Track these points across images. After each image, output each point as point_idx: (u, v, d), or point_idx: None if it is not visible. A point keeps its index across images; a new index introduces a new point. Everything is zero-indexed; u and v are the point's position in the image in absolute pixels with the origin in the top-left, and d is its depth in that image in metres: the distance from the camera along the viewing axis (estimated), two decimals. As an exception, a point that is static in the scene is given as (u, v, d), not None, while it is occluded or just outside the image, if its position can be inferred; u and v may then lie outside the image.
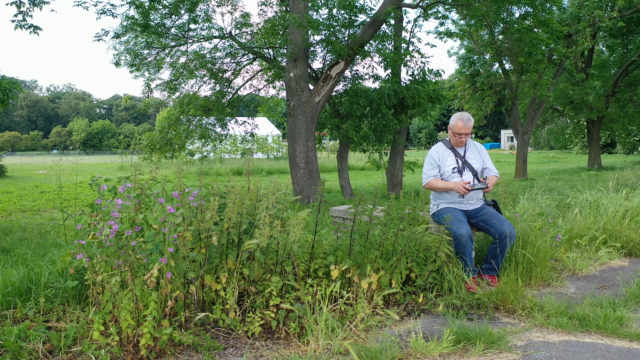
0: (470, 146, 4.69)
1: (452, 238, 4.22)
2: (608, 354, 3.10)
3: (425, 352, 3.03)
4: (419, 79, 13.04)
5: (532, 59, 14.40)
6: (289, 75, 11.36)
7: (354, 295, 3.56)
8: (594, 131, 23.70)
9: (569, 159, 38.34)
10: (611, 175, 11.32)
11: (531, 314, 3.70)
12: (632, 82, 22.09)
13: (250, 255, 3.45)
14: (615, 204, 6.22)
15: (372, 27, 11.46)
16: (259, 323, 3.23)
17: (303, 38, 10.93)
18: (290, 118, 11.43)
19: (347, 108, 12.34)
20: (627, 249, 5.60)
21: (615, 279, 4.72)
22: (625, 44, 22.73)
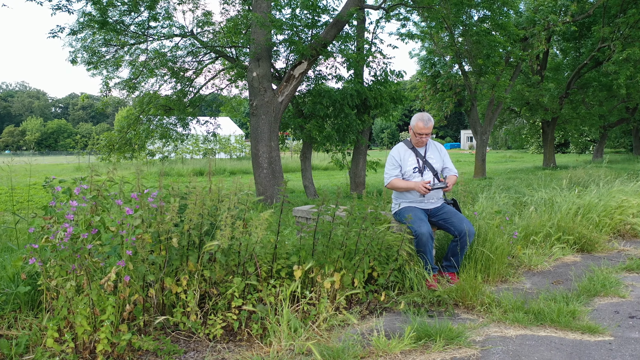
0: (431, 146, 4.78)
1: (414, 237, 4.29)
2: (561, 347, 3.21)
3: (387, 349, 3.06)
4: (381, 79, 13.19)
5: (490, 61, 14.79)
6: (251, 74, 11.28)
7: (317, 295, 3.57)
8: (549, 131, 24.51)
9: (526, 158, 39.55)
10: (565, 174, 11.73)
11: (489, 309, 3.80)
12: (584, 84, 22.98)
13: (212, 256, 3.41)
14: (569, 202, 6.45)
15: (335, 28, 11.52)
16: (220, 325, 3.19)
17: (266, 37, 10.87)
18: (253, 118, 11.36)
19: (311, 108, 12.36)
20: (579, 244, 5.82)
21: (568, 274, 4.90)
22: (577, 48, 23.62)
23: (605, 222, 6.29)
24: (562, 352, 3.14)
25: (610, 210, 6.42)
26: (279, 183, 11.11)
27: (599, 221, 6.22)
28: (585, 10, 19.19)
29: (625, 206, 6.57)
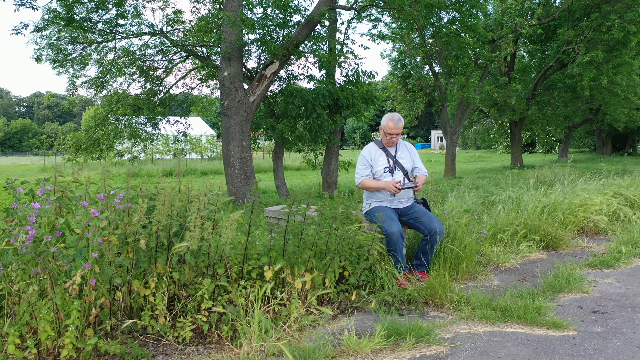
0: (401, 146, 4.82)
1: (384, 236, 4.32)
2: (527, 342, 3.29)
3: (358, 349, 3.08)
4: (353, 80, 13.24)
5: (460, 62, 15.03)
6: (222, 74, 11.19)
7: (288, 295, 3.56)
8: (516, 132, 25.06)
9: (494, 158, 40.33)
10: (531, 173, 12.02)
11: (458, 307, 3.86)
12: (550, 85, 23.58)
13: (181, 258, 3.36)
14: (535, 200, 6.60)
15: (306, 28, 11.52)
16: (190, 328, 3.15)
17: (237, 37, 10.80)
18: (224, 118, 11.26)
19: (283, 108, 12.33)
20: (545, 242, 5.96)
21: (535, 271, 5.02)
22: (543, 50, 24.22)
23: (569, 219, 6.46)
24: (528, 347, 3.21)
25: (575, 208, 6.60)
26: (251, 183, 11.05)
27: (564, 219, 6.39)
28: (550, 13, 19.68)
29: (588, 204, 6.76)
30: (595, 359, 3.05)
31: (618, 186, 8.24)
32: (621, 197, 7.62)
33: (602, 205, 6.89)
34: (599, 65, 20.25)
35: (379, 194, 4.64)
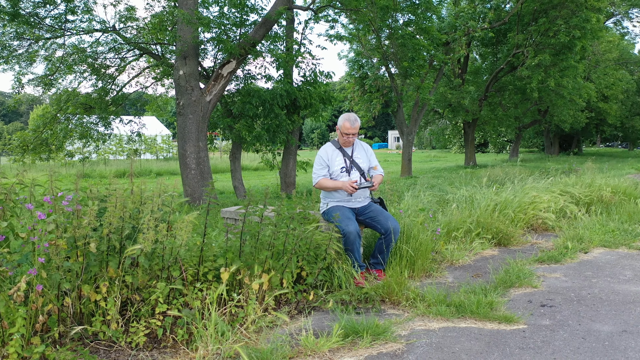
0: (358, 146, 4.86)
1: (342, 235, 4.34)
2: (480, 337, 3.38)
3: (316, 348, 3.08)
4: (311, 80, 13.26)
5: (415, 63, 15.31)
6: (178, 73, 10.98)
7: (245, 297, 3.52)
8: (470, 132, 25.75)
9: (449, 157, 41.30)
10: (484, 172, 12.35)
11: (414, 304, 3.92)
12: (501, 87, 24.36)
13: (134, 261, 3.27)
14: (487, 199, 6.80)
15: (263, 27, 11.46)
16: (143, 333, 3.07)
17: (193, 35, 10.62)
18: (180, 117, 11.06)
19: (240, 108, 12.20)
20: (497, 239, 6.15)
21: (487, 267, 5.17)
22: (495, 53, 25.00)
23: (520, 217, 6.69)
24: (480, 341, 3.30)
25: (524, 206, 6.84)
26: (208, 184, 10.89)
27: (514, 216, 6.61)
28: (501, 17, 20.33)
29: (537, 202, 7.02)
30: (544, 350, 3.17)
31: (564, 184, 8.60)
32: (567, 195, 7.95)
33: (549, 203, 7.16)
34: (546, 69, 21.08)
35: (336, 193, 4.66)
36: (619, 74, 30.93)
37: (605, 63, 29.72)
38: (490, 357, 3.08)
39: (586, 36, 20.52)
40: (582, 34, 19.92)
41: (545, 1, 20.56)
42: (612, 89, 30.52)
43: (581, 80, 25.02)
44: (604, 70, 29.70)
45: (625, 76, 31.84)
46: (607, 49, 29.53)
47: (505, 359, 3.05)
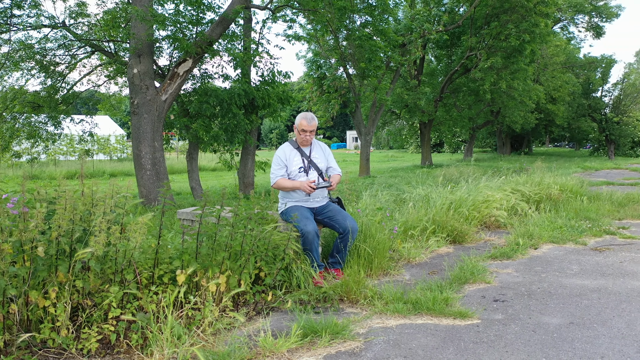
0: (315, 146, 4.88)
1: (300, 235, 4.34)
2: (436, 332, 3.45)
3: (274, 349, 3.07)
4: (269, 80, 13.20)
5: (372, 64, 15.48)
6: (132, 71, 10.69)
7: (202, 299, 3.47)
8: (426, 132, 26.27)
9: (406, 157, 41.99)
10: (440, 171, 12.65)
11: (372, 302, 3.96)
12: (456, 89, 24.97)
13: (85, 265, 3.16)
14: (443, 198, 6.96)
15: (220, 26, 11.31)
16: (95, 338, 2.98)
17: (147, 33, 10.37)
18: (134, 117, 10.77)
19: (197, 107, 12.01)
20: (452, 237, 6.30)
21: (443, 265, 5.28)
22: (449, 55, 25.60)
23: (473, 215, 6.88)
24: (436, 337, 3.37)
25: (478, 205, 7.03)
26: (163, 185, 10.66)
27: (469, 214, 6.78)
28: (455, 20, 20.84)
29: (490, 200, 7.23)
30: (497, 344, 3.27)
31: (515, 183, 8.90)
32: (518, 193, 8.23)
33: (502, 201, 7.40)
34: (498, 71, 21.77)
35: (294, 193, 4.66)
36: (566, 77, 32.28)
37: (553, 66, 30.96)
38: (446, 352, 3.15)
39: (535, 40, 21.33)
40: (531, 38, 20.69)
41: (496, 6, 21.24)
42: (560, 91, 31.83)
43: (531, 82, 25.96)
44: (552, 74, 30.93)
45: (572, 79, 33.26)
46: (554, 53, 30.76)
47: (460, 354, 3.12)
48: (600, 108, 36.77)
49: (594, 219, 7.61)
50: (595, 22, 32.33)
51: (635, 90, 35.28)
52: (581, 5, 31.27)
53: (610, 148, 35.64)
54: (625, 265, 5.28)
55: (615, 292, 4.38)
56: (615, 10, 31.63)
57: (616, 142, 35.92)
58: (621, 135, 35.55)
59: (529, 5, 20.36)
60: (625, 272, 4.99)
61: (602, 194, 9.78)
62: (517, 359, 3.05)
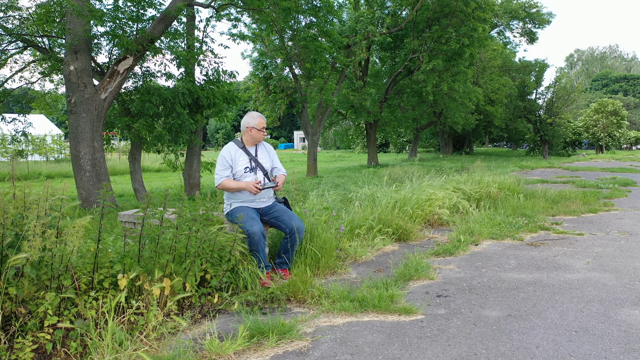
0: (261, 146, 4.85)
1: (246, 236, 4.30)
2: (382, 329, 3.51)
3: (221, 352, 3.03)
4: (214, 79, 13.00)
5: (318, 65, 15.56)
6: (68, 68, 10.24)
7: (145, 303, 3.37)
8: (372, 133, 26.69)
9: (353, 157, 42.51)
10: (385, 171, 12.86)
11: (319, 301, 3.99)
12: (400, 90, 25.53)
13: (19, 271, 3.00)
14: (388, 197, 7.09)
15: (162, 23, 11.02)
16: (30, 348, 2.82)
17: (84, 28, 9.96)
18: (72, 116, 10.32)
19: (139, 106, 11.66)
20: (397, 235, 6.43)
21: (388, 262, 5.38)
22: (393, 57, 26.14)
23: (418, 213, 7.05)
24: (382, 334, 3.43)
25: (422, 203, 7.22)
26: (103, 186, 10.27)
27: (413, 213, 6.95)
28: (398, 23, 21.30)
29: (433, 199, 7.44)
30: (439, 338, 3.37)
31: (457, 182, 9.21)
32: (460, 192, 8.51)
33: (444, 200, 7.63)
34: (440, 73, 22.44)
35: (240, 194, 4.61)
36: (503, 79, 33.72)
37: (490, 69, 32.26)
38: (391, 348, 3.21)
39: (474, 44, 22.17)
40: (470, 42, 21.49)
41: (437, 10, 21.91)
42: (498, 93, 33.21)
43: (470, 85, 26.93)
44: (490, 76, 32.23)
45: (508, 82, 34.78)
46: (492, 57, 32.08)
47: (404, 349, 3.20)
48: (535, 110, 38.67)
49: (530, 215, 7.98)
50: (529, 28, 34.00)
51: (566, 93, 37.35)
52: (516, 12, 32.79)
53: (544, 148, 37.54)
54: (558, 259, 5.58)
55: (549, 284, 4.61)
56: (547, 17, 33.38)
57: (550, 142, 37.88)
58: (554, 136, 37.52)
59: (468, 10, 21.14)
60: (558, 266, 5.27)
61: (537, 191, 10.29)
62: (459, 352, 3.16)
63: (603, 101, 48.70)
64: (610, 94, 71.33)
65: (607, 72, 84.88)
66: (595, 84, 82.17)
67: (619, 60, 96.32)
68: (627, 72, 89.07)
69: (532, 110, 38.47)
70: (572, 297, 4.24)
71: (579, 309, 3.96)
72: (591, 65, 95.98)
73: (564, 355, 3.13)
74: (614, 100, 50.51)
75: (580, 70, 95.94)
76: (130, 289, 3.50)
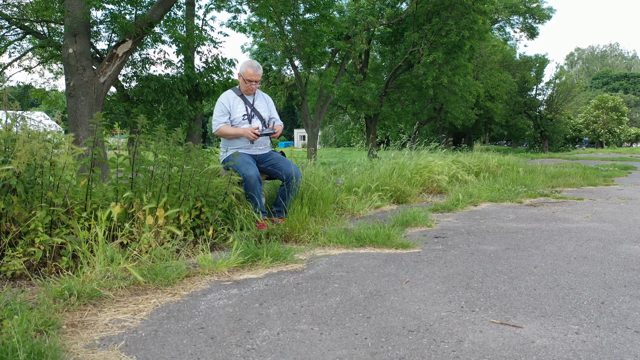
0: (259, 96, 4.82)
1: (242, 179, 4.27)
2: (378, 257, 3.48)
3: (214, 268, 2.99)
4: (213, 67, 13.02)
5: (317, 50, 15.52)
6: (67, 51, 10.22)
7: (138, 230, 3.33)
8: (372, 127, 26.66)
9: (353, 154, 42.44)
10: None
11: (316, 238, 3.95)
12: (400, 84, 25.50)
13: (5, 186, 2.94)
14: (386, 164, 7.06)
15: (162, 7, 11.01)
16: (21, 260, 2.79)
17: (83, 11, 9.96)
18: (70, 99, 10.30)
19: (138, 92, 11.66)
20: (395, 197, 6.39)
21: (387, 217, 5.34)
22: (393, 51, 26.13)
23: (416, 178, 7.01)
24: (378, 259, 3.39)
25: (420, 169, 7.19)
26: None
27: (411, 177, 6.91)
28: (398, 15, 21.32)
29: (432, 166, 7.41)
30: (437, 262, 3.33)
31: (456, 156, 9.17)
32: (459, 164, 8.48)
33: (443, 168, 7.59)
34: (440, 66, 22.41)
35: (238, 141, 4.58)
36: (503, 75, 33.67)
37: (491, 65, 32.23)
38: (387, 268, 3.17)
39: (474, 36, 22.15)
40: (470, 35, 21.47)
41: (437, 3, 21.90)
42: (498, 89, 33.16)
43: (471, 78, 26.88)
44: (490, 72, 32.19)
45: (509, 78, 34.74)
46: (492, 52, 32.05)
47: (400, 269, 3.16)
48: (535, 106, 38.63)
49: (530, 185, 7.94)
50: (530, 23, 33.90)
51: (566, 90, 37.33)
52: (516, 7, 32.74)
53: (544, 144, 37.48)
54: (557, 214, 5.54)
55: (548, 230, 4.57)
56: (547, 12, 33.30)
57: (550, 138, 37.81)
58: (554, 132, 37.48)
59: (468, 2, 21.13)
60: (557, 219, 5.23)
61: (536, 167, 10.26)
62: (456, 270, 3.12)
63: (603, 97, 48.69)
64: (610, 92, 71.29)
65: (608, 71, 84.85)
66: (596, 82, 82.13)
67: (620, 59, 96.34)
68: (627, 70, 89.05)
69: (533, 106, 38.45)
70: (570, 237, 4.20)
71: (578, 244, 3.92)
72: (591, 63, 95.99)
73: (562, 272, 3.09)
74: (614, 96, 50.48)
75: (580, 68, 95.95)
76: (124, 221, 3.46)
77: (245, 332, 2.14)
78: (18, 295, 2.44)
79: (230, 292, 2.66)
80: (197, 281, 2.84)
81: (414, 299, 2.56)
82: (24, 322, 1.94)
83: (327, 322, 2.25)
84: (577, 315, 2.35)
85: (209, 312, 2.36)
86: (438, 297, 2.59)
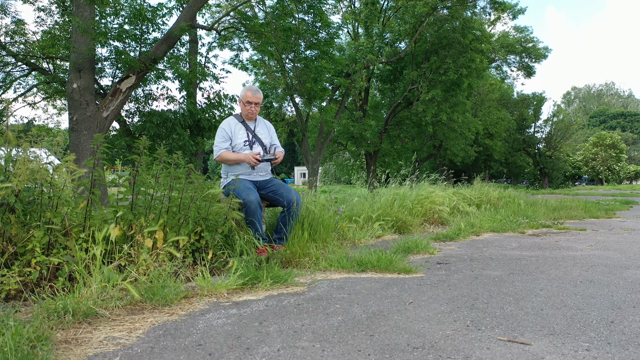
0: (260, 122, 4.85)
1: (242, 205, 4.24)
2: (381, 281, 3.41)
3: (213, 289, 2.93)
4: (215, 102, 13.19)
5: (318, 85, 15.74)
6: (71, 86, 10.38)
7: (137, 253, 3.28)
8: (372, 163, 26.79)
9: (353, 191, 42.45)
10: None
11: (316, 263, 3.89)
12: (399, 121, 25.77)
13: (5, 205, 2.92)
14: (387, 194, 7.03)
15: (165, 44, 11.25)
16: (16, 280, 2.74)
17: (89, 47, 10.17)
18: (73, 134, 10.39)
19: (140, 127, 11.76)
20: (397, 226, 6.33)
21: (389, 245, 5.28)
22: (393, 89, 26.54)
23: (417, 209, 6.98)
24: (381, 283, 3.33)
25: (421, 199, 7.16)
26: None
27: (412, 208, 6.87)
28: (397, 53, 21.77)
29: (433, 197, 7.38)
30: (440, 285, 3.26)
31: (457, 189, 9.16)
32: (460, 196, 8.46)
33: (444, 199, 7.56)
34: (439, 104, 22.72)
35: (239, 166, 4.58)
36: (501, 113, 34.06)
37: (489, 102, 32.65)
38: (390, 290, 3.11)
39: (472, 74, 22.54)
40: (468, 72, 21.85)
41: (435, 42, 22.41)
42: (496, 127, 33.48)
43: (470, 115, 27.19)
44: (488, 110, 32.58)
45: (507, 116, 35.12)
46: (490, 90, 32.53)
47: (404, 291, 3.09)
48: (534, 143, 38.90)
49: (531, 216, 7.89)
50: (526, 62, 34.57)
51: (564, 127, 37.67)
52: (512, 47, 33.47)
53: (544, 181, 37.54)
54: (560, 243, 5.48)
55: (553, 257, 4.51)
56: (543, 51, 34.00)
57: (550, 175, 37.90)
58: (554, 169, 37.60)
59: (465, 42, 21.62)
60: (561, 247, 5.17)
61: (537, 200, 10.22)
62: (460, 293, 3.06)
63: (601, 134, 49.11)
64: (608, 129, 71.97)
65: (605, 109, 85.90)
66: (593, 120, 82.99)
67: (616, 98, 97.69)
68: (624, 109, 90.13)
69: (531, 143, 38.72)
70: (575, 263, 4.14)
71: (584, 269, 3.86)
72: (588, 102, 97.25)
73: (568, 294, 3.03)
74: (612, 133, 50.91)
75: (577, 107, 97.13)
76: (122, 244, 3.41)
77: (245, 349, 2.07)
78: (12, 315, 2.38)
79: (229, 312, 2.59)
80: (195, 302, 2.78)
81: (418, 319, 2.49)
82: (16, 336, 1.88)
83: (329, 339, 2.19)
84: (586, 333, 2.28)
85: (207, 330, 2.30)
86: (443, 317, 2.53)
